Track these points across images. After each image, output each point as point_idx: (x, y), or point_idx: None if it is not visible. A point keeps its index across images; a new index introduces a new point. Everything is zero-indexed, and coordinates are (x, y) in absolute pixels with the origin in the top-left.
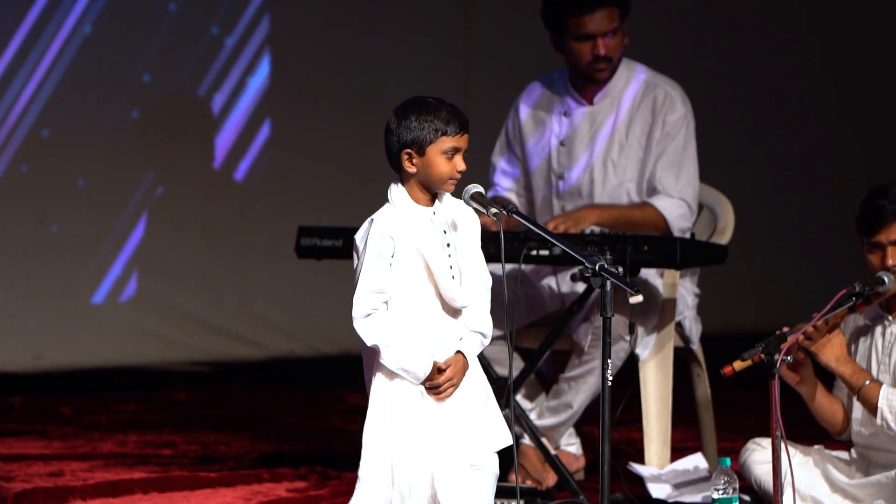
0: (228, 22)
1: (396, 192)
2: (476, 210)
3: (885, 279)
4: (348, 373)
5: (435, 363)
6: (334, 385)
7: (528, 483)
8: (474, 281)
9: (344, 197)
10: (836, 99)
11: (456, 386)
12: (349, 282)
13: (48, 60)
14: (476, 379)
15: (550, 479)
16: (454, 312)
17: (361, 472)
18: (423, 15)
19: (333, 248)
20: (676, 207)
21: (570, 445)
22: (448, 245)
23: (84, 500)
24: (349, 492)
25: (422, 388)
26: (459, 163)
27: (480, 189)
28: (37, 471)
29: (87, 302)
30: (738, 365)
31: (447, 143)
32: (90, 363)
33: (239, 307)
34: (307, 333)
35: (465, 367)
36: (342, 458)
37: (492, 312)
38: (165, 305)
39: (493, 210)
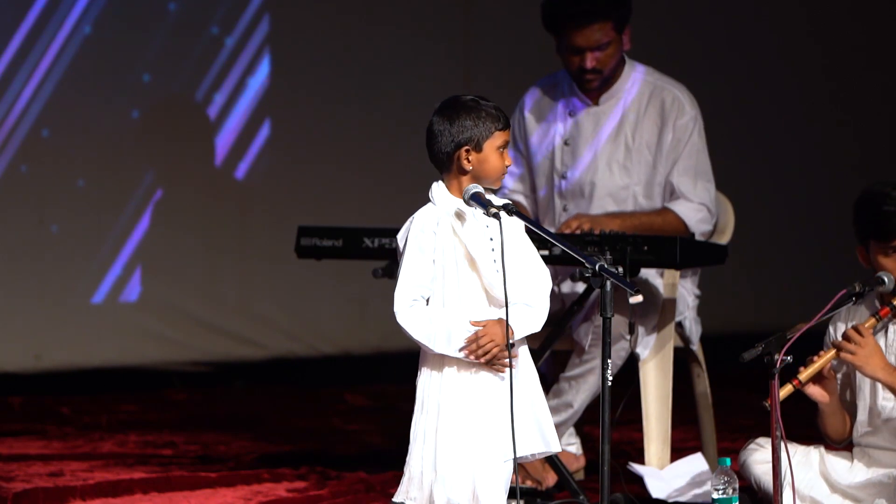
0: (228, 22)
1: (437, 189)
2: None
3: (885, 279)
4: (348, 373)
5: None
6: (334, 385)
7: (528, 483)
8: (521, 274)
9: (344, 197)
10: (835, 99)
11: (497, 347)
12: (349, 282)
13: (48, 60)
14: (526, 375)
15: (550, 479)
16: (501, 305)
17: (408, 463)
18: (423, 15)
19: (333, 248)
20: (696, 212)
21: (570, 445)
22: (491, 239)
23: (84, 500)
24: (349, 492)
25: (470, 377)
26: (508, 157)
27: (480, 189)
28: (37, 471)
29: (87, 302)
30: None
31: (500, 138)
32: (90, 363)
33: (239, 307)
34: (307, 333)
35: (503, 330)
36: (342, 458)
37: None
38: (165, 305)
39: (493, 210)
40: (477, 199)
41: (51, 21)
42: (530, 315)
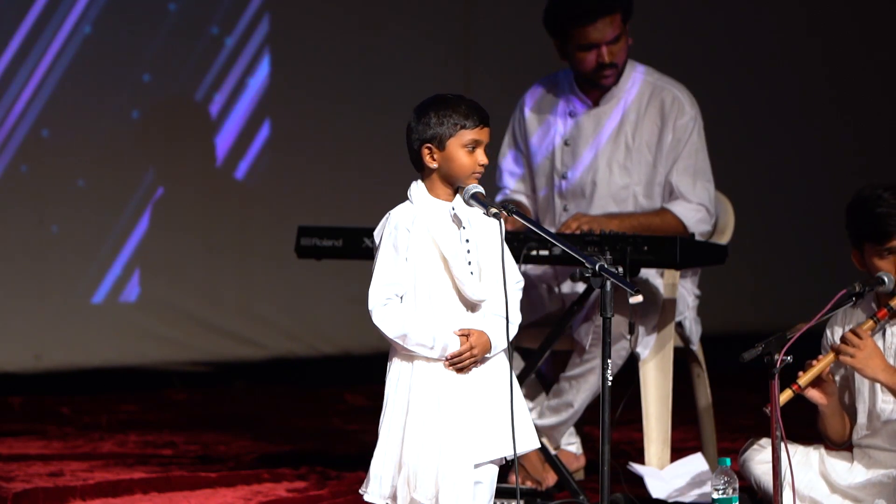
0: (228, 22)
1: (415, 188)
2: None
3: (885, 279)
4: (348, 373)
5: (457, 332)
6: (334, 385)
7: (528, 483)
8: (496, 278)
9: (344, 197)
10: (835, 99)
11: (476, 360)
12: (349, 282)
13: (48, 60)
14: (501, 376)
15: (550, 479)
16: (473, 307)
17: (374, 457)
18: (423, 15)
19: (333, 248)
20: (695, 212)
21: (570, 445)
22: (467, 241)
23: (84, 500)
24: (349, 492)
25: (441, 376)
26: (481, 156)
27: (481, 189)
28: (37, 471)
29: (87, 302)
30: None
31: (467, 136)
32: (90, 363)
33: (239, 307)
34: (307, 333)
35: (487, 344)
36: (342, 458)
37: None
38: (165, 305)
39: (493, 210)
40: (477, 199)
41: (51, 21)
42: (509, 330)
